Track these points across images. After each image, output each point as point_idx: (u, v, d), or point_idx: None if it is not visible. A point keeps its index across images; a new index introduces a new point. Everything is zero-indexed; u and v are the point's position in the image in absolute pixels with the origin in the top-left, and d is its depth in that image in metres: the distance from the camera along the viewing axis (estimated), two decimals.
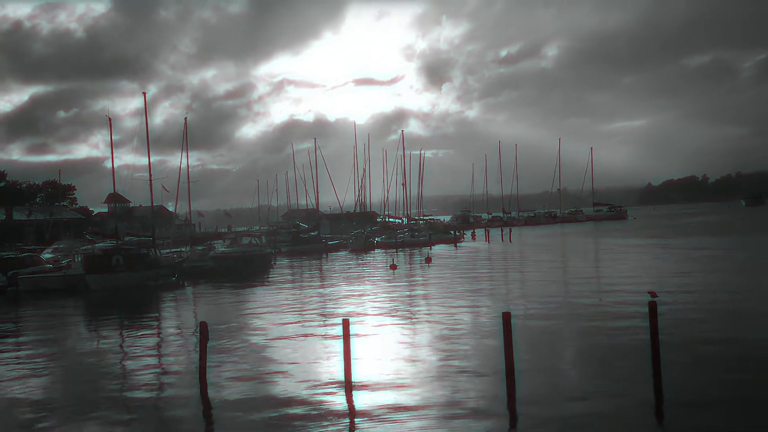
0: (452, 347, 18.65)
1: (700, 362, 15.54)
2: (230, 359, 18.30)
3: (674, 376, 14.01)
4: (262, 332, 22.87)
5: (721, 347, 16.95)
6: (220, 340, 20.42)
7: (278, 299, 32.36)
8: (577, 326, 21.21)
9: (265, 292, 36.68)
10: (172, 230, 66.47)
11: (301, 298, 32.37)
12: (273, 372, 16.75)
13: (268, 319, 25.88)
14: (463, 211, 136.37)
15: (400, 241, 74.09)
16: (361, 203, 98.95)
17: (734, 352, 16.31)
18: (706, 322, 20.37)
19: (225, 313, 28.46)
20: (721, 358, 15.87)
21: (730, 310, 22.46)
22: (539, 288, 31.68)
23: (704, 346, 17.13)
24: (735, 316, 21.35)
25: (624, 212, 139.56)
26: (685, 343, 17.31)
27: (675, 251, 48.68)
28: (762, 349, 16.51)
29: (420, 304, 28.52)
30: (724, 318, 21.17)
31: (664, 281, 30.06)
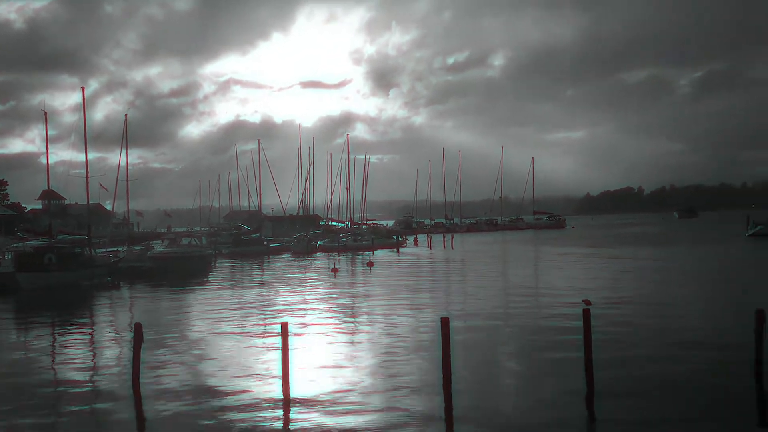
0: (390, 352, 18.72)
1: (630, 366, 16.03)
2: (165, 362, 17.96)
3: (606, 384, 14.36)
4: (199, 334, 22.53)
5: (650, 357, 17.49)
6: (154, 343, 20.03)
7: (217, 301, 31.91)
8: (514, 332, 21.57)
9: (204, 294, 36.10)
10: (109, 229, 64.87)
11: (240, 301, 31.99)
12: (208, 373, 16.53)
13: (206, 321, 25.50)
14: (406, 217, 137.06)
15: (342, 245, 74.00)
16: (305, 206, 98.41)
17: (664, 359, 16.87)
18: (638, 332, 20.96)
19: (161, 315, 27.92)
20: (652, 365, 16.39)
21: (660, 320, 23.18)
22: (478, 294, 32.07)
23: (634, 352, 17.66)
24: (665, 326, 22.03)
25: (563, 221, 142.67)
26: (617, 348, 17.79)
27: (611, 261, 49.99)
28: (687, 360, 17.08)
29: (360, 309, 28.54)
30: (654, 328, 21.83)
31: (599, 290, 30.84)
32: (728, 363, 16.10)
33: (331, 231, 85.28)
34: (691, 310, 25.31)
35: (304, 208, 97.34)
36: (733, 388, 14.07)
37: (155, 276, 44.50)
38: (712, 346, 18.13)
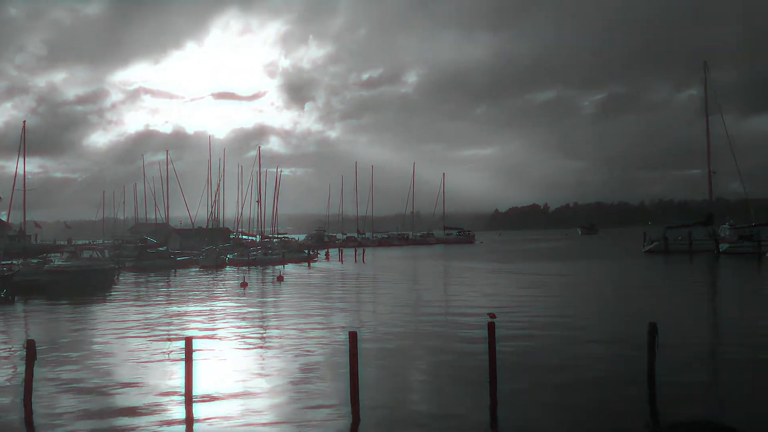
0: (299, 367, 18.53)
1: (532, 381, 16.47)
2: (60, 380, 17.11)
3: (509, 396, 14.69)
4: (98, 351, 21.61)
5: (551, 366, 18.03)
6: (49, 360, 19.08)
7: (118, 317, 30.72)
8: (422, 345, 21.79)
9: (105, 309, 34.70)
10: (3, 241, 61.49)
11: (143, 316, 30.91)
12: (107, 393, 15.86)
13: (106, 337, 24.51)
14: (318, 231, 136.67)
15: (252, 258, 72.93)
16: (214, 219, 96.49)
17: (564, 370, 17.41)
18: (542, 344, 21.58)
19: (57, 331, 26.63)
20: (553, 377, 16.88)
21: (563, 331, 23.95)
22: (388, 308, 32.24)
23: (537, 363, 18.17)
24: (567, 337, 22.77)
25: (472, 236, 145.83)
26: (520, 361, 18.25)
27: (517, 275, 51.36)
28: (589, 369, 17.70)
29: (269, 323, 28.16)
30: (556, 338, 22.53)
31: (504, 303, 31.59)
32: (624, 375, 16.78)
33: (242, 244, 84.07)
34: (591, 324, 26.25)
35: (213, 221, 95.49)
36: (628, 400, 14.66)
37: (53, 290, 42.42)
38: (609, 359, 18.88)
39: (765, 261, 60.03)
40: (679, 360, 17.79)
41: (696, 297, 37.09)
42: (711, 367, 18.77)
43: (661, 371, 15.28)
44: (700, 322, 27.43)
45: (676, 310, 29.72)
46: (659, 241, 79.72)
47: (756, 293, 37.98)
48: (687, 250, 75.65)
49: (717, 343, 22.87)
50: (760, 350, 19.65)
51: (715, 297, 38.21)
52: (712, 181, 78.92)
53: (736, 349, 20.39)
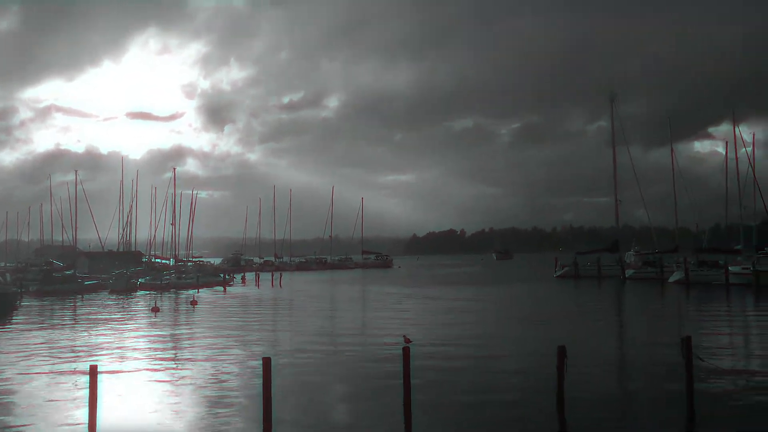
0: (211, 394, 18.06)
1: (446, 404, 16.61)
2: None
3: (423, 420, 14.76)
4: None
5: (465, 389, 18.25)
6: None
7: (18, 344, 29.13)
8: (338, 371, 21.64)
9: (3, 336, 32.86)
10: None
11: (45, 343, 29.40)
12: (7, 426, 14.97)
13: (3, 365, 23.17)
14: (235, 254, 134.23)
15: (165, 282, 70.87)
16: (126, 242, 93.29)
17: (477, 392, 17.65)
18: (456, 368, 21.82)
19: None
20: (467, 399, 17.07)
21: (477, 354, 24.30)
22: (304, 333, 31.90)
23: (451, 387, 18.35)
24: (481, 360, 23.11)
25: (390, 261, 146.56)
26: (434, 385, 18.40)
27: (433, 300, 51.90)
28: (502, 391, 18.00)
29: (181, 349, 27.32)
30: (471, 361, 22.83)
31: (420, 328, 31.83)
32: (534, 396, 17.15)
33: (154, 268, 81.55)
34: (504, 347, 26.75)
35: (125, 243, 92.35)
36: (538, 421, 15.00)
37: None
38: (521, 381, 19.30)
39: (667, 286, 62.88)
40: (588, 381, 18.33)
41: (603, 321, 38.39)
42: (617, 388, 19.42)
43: (569, 393, 15.68)
44: (607, 344, 28.38)
45: (585, 333, 30.68)
46: (570, 266, 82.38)
47: (658, 317, 39.66)
48: (596, 275, 78.52)
49: (622, 364, 23.71)
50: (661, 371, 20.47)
51: (621, 321, 39.65)
52: (618, 209, 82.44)
53: (640, 371, 21.24)
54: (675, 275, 66.83)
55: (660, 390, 18.02)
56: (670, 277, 67.23)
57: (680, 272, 66.08)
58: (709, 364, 19.37)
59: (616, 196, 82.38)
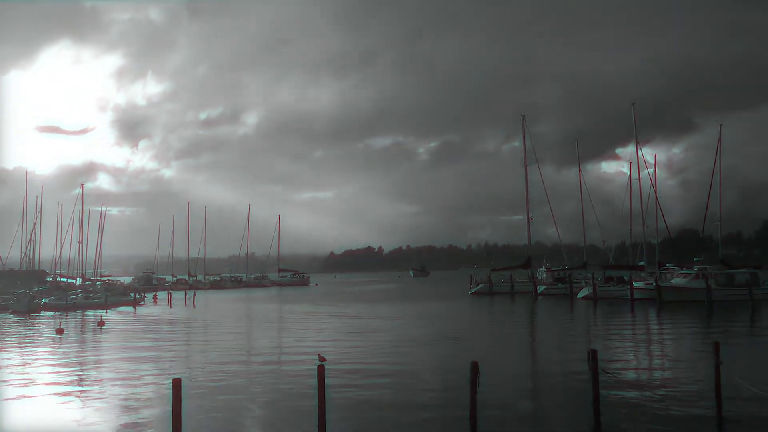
0: (117, 420, 17.40)
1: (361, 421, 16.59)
2: None
3: None
4: None
5: (380, 405, 18.29)
6: None
7: None
8: (252, 390, 21.24)
9: None
10: None
11: None
12: None
13: None
14: (146, 273, 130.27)
15: (71, 303, 67.93)
16: (29, 260, 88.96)
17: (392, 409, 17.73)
18: (371, 385, 21.85)
19: None
20: (381, 415, 17.10)
21: (392, 371, 24.41)
22: (215, 354, 31.18)
23: (366, 404, 18.36)
24: (395, 377, 23.22)
25: (307, 279, 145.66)
26: (348, 403, 18.35)
27: (349, 318, 51.85)
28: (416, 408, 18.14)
29: (86, 373, 26.20)
30: (385, 378, 22.90)
31: (336, 347, 31.74)
32: (447, 412, 17.35)
33: (59, 287, 78.15)
34: (419, 363, 27.00)
35: (27, 262, 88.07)
36: None
37: None
38: (435, 398, 19.52)
39: (576, 302, 65.04)
40: (500, 396, 18.70)
41: (516, 336, 39.31)
42: (529, 401, 19.88)
43: (482, 407, 15.92)
44: (519, 359, 29.05)
45: (498, 348, 31.33)
46: (484, 283, 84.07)
47: (568, 331, 40.93)
48: (509, 291, 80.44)
49: (534, 378, 24.31)
50: (570, 383, 21.12)
51: (532, 335, 40.70)
52: (530, 227, 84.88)
53: (550, 383, 21.86)
54: (583, 291, 69.23)
55: (568, 401, 18.59)
56: (579, 292, 69.57)
57: (588, 288, 68.51)
58: (614, 376, 20.11)
59: (528, 214, 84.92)
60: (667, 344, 34.63)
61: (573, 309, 57.89)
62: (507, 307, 63.68)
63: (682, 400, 18.34)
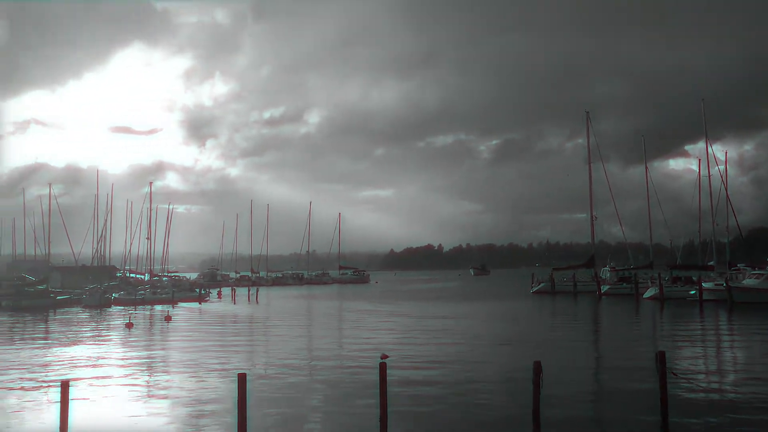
0: (184, 411, 17.86)
1: (423, 418, 16.59)
2: None
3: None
4: None
5: (442, 405, 18.25)
6: None
7: None
8: (314, 387, 21.51)
9: None
10: None
11: (15, 359, 28.90)
12: None
13: None
14: (211, 269, 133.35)
15: (140, 298, 70.10)
16: (100, 256, 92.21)
17: (454, 409, 17.65)
18: (433, 384, 21.82)
19: None
20: (442, 416, 17.07)
21: (454, 371, 24.31)
22: (280, 349, 31.70)
23: (428, 403, 18.35)
24: (458, 377, 23.12)
25: (367, 276, 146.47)
26: (411, 401, 18.37)
27: (410, 317, 51.86)
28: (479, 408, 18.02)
29: (154, 365, 27.00)
30: (448, 378, 22.83)
31: (397, 345, 31.80)
32: (510, 413, 17.18)
33: (129, 283, 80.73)
34: (480, 363, 26.78)
35: (99, 258, 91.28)
36: None
37: None
38: (498, 397, 19.34)
39: (642, 302, 63.44)
40: (563, 397, 18.41)
41: (579, 336, 38.60)
42: (593, 404, 19.50)
43: (545, 408, 15.72)
44: (583, 359, 28.51)
45: (561, 348, 30.82)
46: (546, 282, 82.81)
47: (632, 332, 39.97)
48: (572, 291, 79.06)
49: (598, 379, 23.84)
50: (636, 386, 20.62)
51: (597, 336, 39.89)
52: (594, 225, 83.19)
53: (615, 385, 21.39)
54: (649, 291, 67.46)
55: (634, 404, 18.15)
56: (645, 293, 67.85)
57: (654, 288, 66.72)
58: (682, 379, 19.55)
59: (591, 213, 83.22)
60: (738, 347, 33.43)
61: (638, 310, 56.48)
62: (570, 306, 62.60)
63: (754, 406, 17.70)
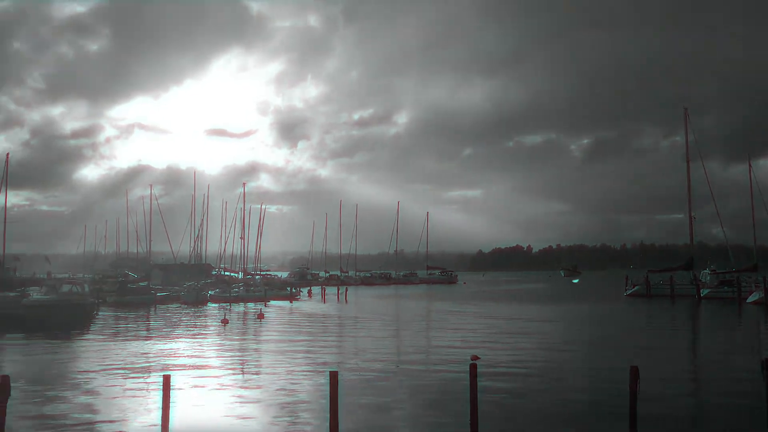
0: (278, 405, 18.30)
1: (514, 420, 16.38)
2: (35, 417, 16.76)
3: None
4: (73, 387, 21.23)
5: (533, 409, 17.96)
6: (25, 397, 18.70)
7: (96, 353, 30.25)
8: (404, 386, 21.60)
9: (82, 344, 34.18)
10: None
11: (121, 352, 30.41)
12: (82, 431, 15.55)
13: (82, 373, 24.09)
14: (301, 268, 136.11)
15: (234, 295, 72.34)
16: (197, 255, 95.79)
17: (546, 414, 17.35)
18: (524, 387, 21.51)
19: (33, 367, 26.17)
20: (535, 420, 16.80)
21: (546, 374, 23.90)
22: (370, 348, 32.01)
23: (519, 406, 18.11)
24: (550, 381, 22.71)
25: (455, 277, 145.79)
26: (502, 404, 18.18)
27: (499, 318, 51.29)
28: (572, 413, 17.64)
29: (249, 361, 27.81)
30: (539, 382, 22.46)
31: (486, 347, 31.52)
32: (605, 419, 16.72)
33: (223, 281, 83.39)
34: (575, 367, 26.21)
35: (195, 256, 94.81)
36: None
37: (30, 325, 41.76)
38: (592, 403, 18.84)
39: (745, 307, 60.40)
40: (661, 403, 17.77)
41: (678, 341, 37.16)
42: (691, 411, 18.74)
43: (642, 416, 15.23)
44: (682, 366, 27.45)
45: (658, 354, 29.76)
46: (641, 284, 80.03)
47: (735, 338, 38.14)
48: (669, 294, 76.06)
49: (697, 387, 22.88)
50: (739, 393, 19.67)
51: (696, 342, 38.31)
52: (693, 226, 79.81)
53: (716, 392, 20.45)
54: (754, 295, 64.14)
55: (737, 413, 17.33)
56: (749, 297, 64.58)
57: (759, 292, 63.39)
58: None
59: (690, 213, 79.79)
60: None
61: (741, 314, 53.82)
62: (667, 310, 60.29)
63: None
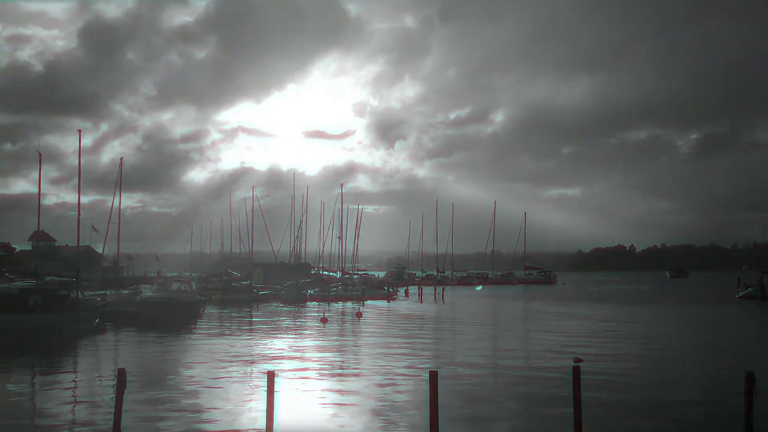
0: (378, 404, 18.46)
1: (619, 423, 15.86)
2: (148, 409, 17.62)
3: None
4: (183, 381, 22.17)
5: (641, 413, 17.34)
6: (138, 389, 19.68)
7: (203, 348, 31.50)
8: (504, 388, 21.36)
9: (191, 340, 35.68)
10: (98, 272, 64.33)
11: (226, 348, 31.53)
12: (193, 422, 16.19)
13: (191, 368, 25.13)
14: (398, 268, 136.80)
15: (333, 294, 73.57)
16: (296, 254, 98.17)
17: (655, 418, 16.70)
18: (632, 391, 20.81)
19: (146, 361, 27.52)
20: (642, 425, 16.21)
21: (653, 378, 23.03)
22: (469, 348, 31.80)
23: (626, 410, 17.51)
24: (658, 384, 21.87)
25: (554, 277, 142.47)
26: (607, 408, 17.65)
27: (601, 321, 49.80)
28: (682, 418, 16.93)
29: (349, 359, 28.21)
30: (646, 385, 21.67)
31: (588, 349, 30.67)
32: (719, 425, 15.94)
33: (322, 280, 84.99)
34: (684, 371, 25.13)
35: (295, 256, 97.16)
36: None
37: (142, 321, 43.97)
38: (704, 407, 18.01)
39: None
40: None
41: None
42: None
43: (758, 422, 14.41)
44: None
45: None
46: (755, 286, 75.65)
47: None
48: None
49: None
50: None
51: None
52: None
53: None
54: None
55: None
56: None
57: None
58: None
59: None
60: None
61: None
62: None
63: None
